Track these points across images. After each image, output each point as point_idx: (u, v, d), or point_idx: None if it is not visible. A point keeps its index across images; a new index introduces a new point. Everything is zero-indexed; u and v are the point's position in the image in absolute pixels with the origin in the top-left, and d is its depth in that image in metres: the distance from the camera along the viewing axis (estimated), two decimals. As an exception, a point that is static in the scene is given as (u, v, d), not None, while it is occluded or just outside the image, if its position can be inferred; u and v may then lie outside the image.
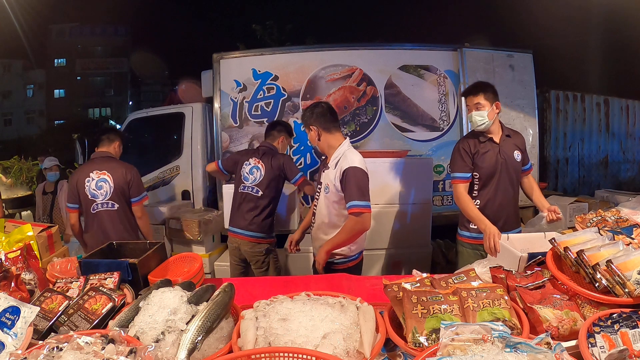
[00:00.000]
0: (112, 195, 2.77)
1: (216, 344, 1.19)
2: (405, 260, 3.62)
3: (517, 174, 2.45)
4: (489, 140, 2.41)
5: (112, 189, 2.76)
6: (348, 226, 2.18)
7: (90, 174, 2.78)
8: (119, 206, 2.79)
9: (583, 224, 1.81)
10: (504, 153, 2.39)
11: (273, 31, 10.72)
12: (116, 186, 2.77)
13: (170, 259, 2.00)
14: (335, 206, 2.27)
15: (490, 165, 2.38)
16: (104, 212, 2.78)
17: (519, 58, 4.44)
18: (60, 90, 33.32)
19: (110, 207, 2.78)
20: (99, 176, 2.77)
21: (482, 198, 2.42)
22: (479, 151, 2.39)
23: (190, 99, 4.95)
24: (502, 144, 2.41)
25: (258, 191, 2.94)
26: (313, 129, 2.31)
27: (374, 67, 4.32)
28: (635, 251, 1.32)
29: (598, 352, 1.03)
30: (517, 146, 2.45)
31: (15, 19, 9.60)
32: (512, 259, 1.72)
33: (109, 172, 2.78)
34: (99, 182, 2.76)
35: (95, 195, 2.77)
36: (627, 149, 6.14)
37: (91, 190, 2.76)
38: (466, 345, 0.94)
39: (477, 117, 2.34)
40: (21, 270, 1.65)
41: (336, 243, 2.23)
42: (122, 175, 2.79)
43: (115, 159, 2.91)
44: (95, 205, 2.78)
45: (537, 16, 9.95)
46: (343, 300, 1.30)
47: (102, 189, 2.76)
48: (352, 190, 2.14)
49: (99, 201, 2.77)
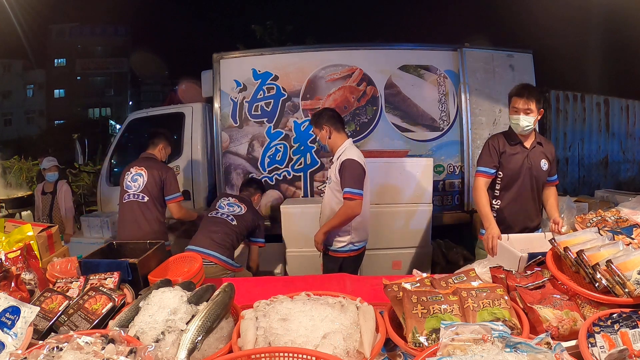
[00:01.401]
0: (143, 188, 3.02)
1: (216, 344, 1.19)
2: (405, 260, 3.63)
3: (541, 182, 2.44)
4: (520, 144, 2.42)
5: (145, 183, 3.02)
6: (341, 210, 2.51)
7: (131, 168, 3.09)
8: (148, 199, 3.02)
9: (583, 224, 1.82)
10: (532, 160, 2.40)
11: (273, 31, 10.70)
12: (149, 182, 3.02)
13: (170, 259, 2.00)
14: (337, 194, 2.58)
15: (515, 169, 2.40)
16: (134, 203, 3.02)
17: (519, 58, 4.43)
18: (60, 90, 33.31)
19: (140, 199, 3.02)
20: (136, 171, 3.07)
21: (503, 199, 2.45)
22: (506, 151, 2.41)
23: (190, 99, 4.94)
24: (531, 151, 2.42)
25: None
26: (325, 128, 2.66)
27: (374, 67, 4.31)
28: (635, 251, 1.32)
29: (598, 352, 1.03)
30: (545, 155, 2.44)
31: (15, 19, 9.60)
32: (512, 259, 1.73)
33: (146, 169, 3.06)
34: (135, 176, 3.06)
35: (129, 187, 3.05)
36: (627, 149, 6.13)
37: (127, 182, 3.06)
38: (466, 345, 0.94)
39: (525, 122, 2.32)
40: (21, 270, 1.66)
41: (331, 225, 2.56)
42: (157, 173, 3.05)
43: (155, 160, 3.18)
44: (127, 196, 3.05)
45: (537, 16, 9.94)
46: (343, 300, 1.30)
47: (136, 182, 3.04)
48: (347, 178, 2.49)
49: (131, 192, 3.04)
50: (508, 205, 2.43)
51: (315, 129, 2.73)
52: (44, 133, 25.35)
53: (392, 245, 3.60)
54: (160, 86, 33.22)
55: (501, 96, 4.27)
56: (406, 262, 3.61)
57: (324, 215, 2.72)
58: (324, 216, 2.70)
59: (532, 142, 2.43)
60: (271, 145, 4.31)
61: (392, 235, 3.59)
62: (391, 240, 3.60)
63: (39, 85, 32.39)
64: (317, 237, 2.63)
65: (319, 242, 2.62)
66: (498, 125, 4.28)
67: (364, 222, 2.67)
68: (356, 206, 2.48)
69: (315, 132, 2.75)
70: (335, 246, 2.63)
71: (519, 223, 2.43)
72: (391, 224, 3.58)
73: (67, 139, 10.23)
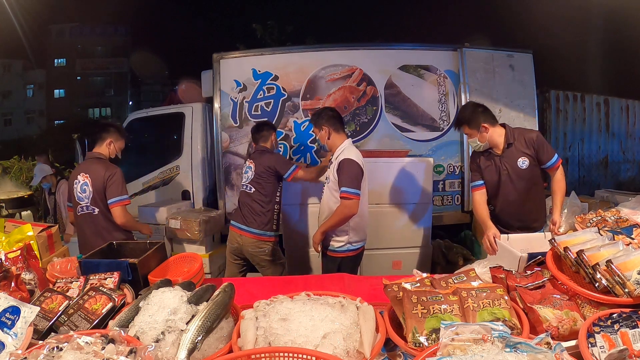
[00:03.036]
0: (91, 199, 2.66)
1: (216, 344, 1.19)
2: (405, 260, 3.62)
3: (529, 180, 2.43)
4: (490, 154, 2.50)
5: (91, 193, 2.65)
6: (338, 210, 2.51)
7: (78, 176, 2.71)
8: (99, 211, 2.66)
9: (583, 224, 1.82)
10: (506, 163, 2.43)
11: (273, 31, 10.69)
12: (95, 190, 2.65)
13: (170, 259, 2.01)
14: (335, 194, 2.58)
15: (492, 178, 2.50)
16: (87, 216, 2.68)
17: (519, 58, 4.43)
18: (60, 90, 33.29)
19: (91, 211, 2.67)
20: (83, 179, 2.68)
21: (495, 205, 2.57)
22: (482, 164, 2.54)
23: (190, 99, 4.95)
24: (504, 155, 2.44)
25: (251, 188, 3.03)
26: (325, 129, 2.65)
27: (374, 67, 4.31)
28: (635, 251, 1.32)
29: (598, 352, 1.03)
30: (522, 152, 2.41)
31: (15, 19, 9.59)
32: (512, 259, 1.73)
33: (90, 175, 2.67)
34: (82, 186, 2.68)
35: (81, 199, 2.69)
36: (627, 149, 6.13)
37: (77, 193, 2.70)
38: (466, 345, 0.94)
39: (472, 143, 2.55)
40: (21, 270, 1.66)
41: (328, 225, 2.56)
42: (101, 177, 2.64)
43: (101, 161, 2.74)
44: (80, 208, 2.70)
45: (537, 16, 9.93)
46: (343, 300, 1.30)
47: (85, 192, 2.67)
48: (344, 178, 2.49)
49: (82, 204, 2.69)
50: (501, 210, 2.53)
51: (315, 128, 2.74)
52: (44, 133, 25.33)
53: (392, 245, 3.60)
54: (160, 86, 33.20)
55: (501, 96, 4.27)
56: (406, 262, 3.61)
57: (322, 215, 2.72)
58: (323, 216, 2.71)
59: (502, 147, 2.45)
60: (271, 145, 4.31)
61: (392, 235, 3.59)
62: (391, 240, 3.60)
63: (39, 85, 32.38)
64: (315, 237, 2.64)
65: (317, 243, 2.64)
66: (498, 126, 4.28)
67: (362, 222, 2.67)
68: (353, 205, 2.48)
69: (315, 132, 2.76)
70: (333, 246, 2.64)
71: (516, 222, 2.45)
72: (391, 224, 3.58)
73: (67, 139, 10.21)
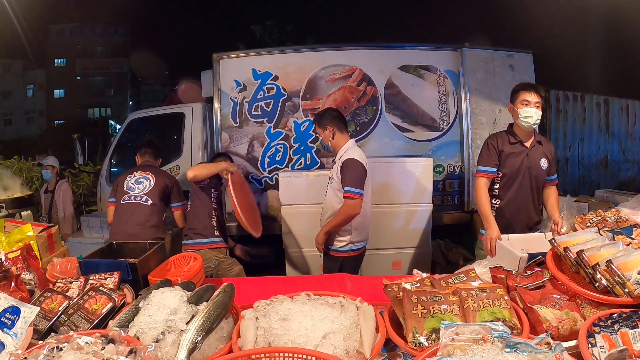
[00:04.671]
0: (149, 192, 2.97)
1: (216, 344, 1.19)
2: (405, 260, 3.63)
3: (540, 181, 2.44)
4: (520, 143, 2.42)
5: (150, 187, 2.98)
6: (341, 210, 2.52)
7: (134, 172, 3.06)
8: (152, 202, 2.97)
9: (583, 224, 1.82)
10: (531, 159, 2.41)
11: (273, 31, 10.68)
12: (157, 186, 3.00)
13: (170, 259, 2.00)
14: (339, 194, 2.57)
15: (514, 168, 2.40)
16: (134, 205, 2.94)
17: (519, 58, 4.43)
18: (60, 90, 33.28)
19: (141, 201, 2.96)
20: (141, 175, 3.03)
21: (502, 198, 2.45)
22: (505, 150, 2.41)
23: (190, 99, 4.94)
24: (531, 150, 2.42)
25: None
26: (329, 128, 2.66)
27: (374, 67, 4.31)
28: (635, 251, 1.32)
29: (598, 352, 1.03)
30: (545, 155, 2.45)
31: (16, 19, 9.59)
32: (512, 259, 1.73)
33: (153, 174, 3.05)
34: (139, 179, 3.01)
35: (131, 188, 2.98)
36: (627, 149, 6.12)
37: (129, 184, 2.99)
38: (466, 345, 0.94)
39: (537, 115, 2.31)
40: (21, 270, 1.66)
41: (332, 225, 2.56)
42: (166, 180, 3.07)
43: (159, 169, 3.22)
44: (127, 197, 2.96)
45: (537, 16, 9.92)
46: (343, 300, 1.30)
47: (141, 184, 2.99)
48: (348, 177, 2.49)
49: (132, 194, 2.96)
50: (507, 204, 2.43)
51: (319, 129, 2.73)
52: (44, 133, 25.38)
53: (392, 245, 3.60)
54: (160, 86, 33.16)
55: (501, 96, 4.27)
56: (406, 262, 3.61)
57: (325, 214, 2.73)
58: (326, 216, 2.71)
59: (532, 141, 2.43)
60: (271, 145, 4.30)
61: (392, 235, 3.59)
62: (391, 240, 3.60)
63: (39, 85, 32.37)
64: (318, 237, 2.64)
65: (320, 243, 2.63)
66: (498, 125, 4.28)
67: (365, 222, 2.68)
68: (356, 205, 2.48)
69: (318, 132, 2.74)
70: (335, 246, 2.64)
71: (518, 222, 2.43)
72: (391, 224, 3.58)
73: (67, 139, 10.22)
